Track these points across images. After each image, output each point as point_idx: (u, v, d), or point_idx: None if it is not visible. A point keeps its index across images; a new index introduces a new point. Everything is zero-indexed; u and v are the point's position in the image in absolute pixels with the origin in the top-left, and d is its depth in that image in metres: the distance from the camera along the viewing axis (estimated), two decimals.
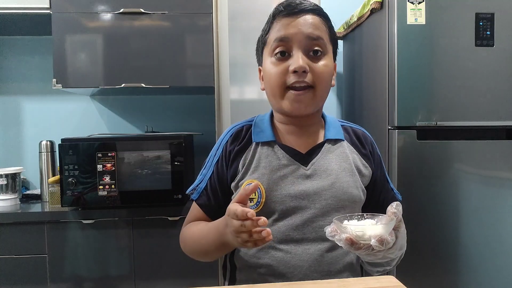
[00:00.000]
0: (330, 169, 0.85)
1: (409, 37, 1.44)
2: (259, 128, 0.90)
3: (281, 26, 0.82)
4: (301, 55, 0.80)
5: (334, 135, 0.90)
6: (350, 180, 0.86)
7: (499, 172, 1.49)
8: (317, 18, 0.84)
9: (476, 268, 1.48)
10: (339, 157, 0.88)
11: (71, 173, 1.60)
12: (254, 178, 0.84)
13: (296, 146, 0.88)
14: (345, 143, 0.90)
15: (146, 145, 1.64)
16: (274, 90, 0.84)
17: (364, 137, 0.94)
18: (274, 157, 0.86)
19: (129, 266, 1.63)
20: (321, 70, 0.82)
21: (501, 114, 1.48)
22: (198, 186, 0.91)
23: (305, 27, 0.81)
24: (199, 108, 2.18)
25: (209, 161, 0.92)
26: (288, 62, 0.81)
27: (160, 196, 1.63)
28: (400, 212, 0.68)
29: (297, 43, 0.81)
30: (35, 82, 2.12)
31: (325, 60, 0.83)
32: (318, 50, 0.82)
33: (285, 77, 0.81)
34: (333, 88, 2.28)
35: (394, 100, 1.45)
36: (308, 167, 0.85)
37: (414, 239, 1.47)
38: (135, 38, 1.73)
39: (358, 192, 0.87)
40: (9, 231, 1.58)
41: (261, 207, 0.83)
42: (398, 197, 0.95)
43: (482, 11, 1.45)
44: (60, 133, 1.79)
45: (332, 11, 2.20)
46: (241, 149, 0.88)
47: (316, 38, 0.81)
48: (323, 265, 0.82)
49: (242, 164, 0.86)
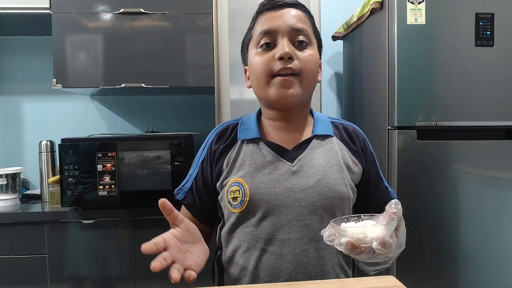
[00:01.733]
0: (317, 165, 0.83)
1: (409, 37, 1.44)
2: (245, 126, 0.89)
3: (265, 20, 0.83)
4: (286, 43, 0.80)
5: (323, 131, 0.88)
6: (338, 177, 0.83)
7: (499, 172, 1.49)
8: (300, 12, 0.84)
9: (476, 268, 1.48)
10: (327, 153, 0.85)
11: (71, 173, 1.60)
12: (238, 176, 0.83)
13: (282, 142, 0.86)
14: (334, 139, 0.88)
15: (146, 145, 1.64)
16: (260, 80, 0.83)
17: (355, 134, 0.91)
18: (259, 154, 0.84)
19: (129, 266, 1.63)
20: (307, 58, 0.82)
21: (501, 114, 1.48)
22: (184, 186, 0.91)
23: (289, 19, 0.81)
24: (199, 108, 2.18)
25: (195, 161, 0.91)
26: (273, 51, 0.81)
27: (160, 196, 1.59)
28: (400, 211, 0.65)
29: (281, 34, 0.81)
30: (35, 82, 2.12)
31: (311, 50, 0.83)
32: (303, 41, 0.82)
33: (271, 65, 0.81)
34: (333, 88, 2.28)
35: (394, 100, 1.45)
36: (294, 163, 0.83)
37: (414, 239, 1.47)
38: (135, 38, 1.73)
39: (347, 190, 0.83)
40: (9, 231, 1.58)
41: (245, 206, 0.81)
42: (394, 196, 0.92)
43: (482, 11, 1.45)
44: (60, 133, 1.79)
45: (332, 11, 2.23)
46: (226, 148, 0.87)
47: (300, 29, 0.82)
48: (309, 266, 0.80)
49: (226, 163, 0.85)
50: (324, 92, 2.18)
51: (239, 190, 0.81)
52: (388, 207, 0.65)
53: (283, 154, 0.84)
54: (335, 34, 2.08)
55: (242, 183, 0.82)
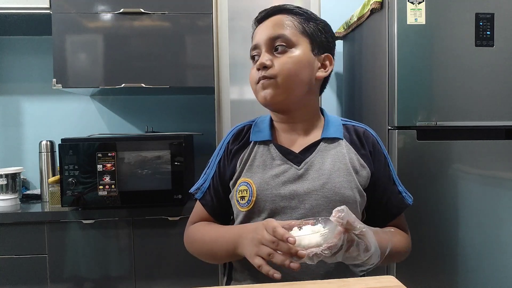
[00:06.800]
0: (323, 169, 0.85)
1: (409, 37, 1.44)
2: (258, 128, 0.93)
3: (253, 36, 0.92)
4: (263, 54, 0.87)
5: (332, 134, 0.90)
6: (344, 180, 0.85)
7: (499, 172, 1.49)
8: (280, 16, 0.88)
9: (475, 268, 1.48)
10: (334, 156, 0.87)
11: (71, 173, 1.60)
12: (247, 177, 0.86)
13: (291, 145, 0.89)
14: (343, 142, 0.89)
15: (146, 145, 1.64)
16: (252, 88, 0.91)
17: (365, 136, 0.92)
18: (268, 156, 0.88)
19: (129, 266, 1.63)
20: (284, 62, 0.85)
21: (501, 114, 1.48)
22: (202, 186, 0.94)
23: (266, 31, 0.87)
24: (199, 108, 2.18)
25: (212, 161, 0.95)
26: None
27: (160, 196, 1.63)
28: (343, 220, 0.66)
29: (262, 46, 0.88)
30: (35, 82, 2.12)
31: (292, 53, 0.86)
32: (280, 46, 0.86)
33: (256, 75, 0.88)
34: (333, 88, 2.28)
35: (394, 100, 1.45)
36: (300, 167, 0.86)
37: (414, 239, 1.47)
38: (135, 38, 1.73)
39: (352, 193, 0.85)
40: (9, 231, 1.58)
41: (251, 205, 0.85)
42: (408, 201, 0.92)
43: (482, 11, 1.45)
44: (60, 133, 1.79)
45: (332, 11, 2.23)
46: (240, 148, 0.91)
47: (277, 36, 0.86)
48: (312, 267, 0.78)
49: (239, 162, 0.89)
50: (324, 92, 2.17)
51: (246, 190, 0.85)
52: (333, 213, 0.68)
53: (291, 157, 0.87)
54: (335, 34, 2.08)
55: (250, 183, 0.85)
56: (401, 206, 0.92)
